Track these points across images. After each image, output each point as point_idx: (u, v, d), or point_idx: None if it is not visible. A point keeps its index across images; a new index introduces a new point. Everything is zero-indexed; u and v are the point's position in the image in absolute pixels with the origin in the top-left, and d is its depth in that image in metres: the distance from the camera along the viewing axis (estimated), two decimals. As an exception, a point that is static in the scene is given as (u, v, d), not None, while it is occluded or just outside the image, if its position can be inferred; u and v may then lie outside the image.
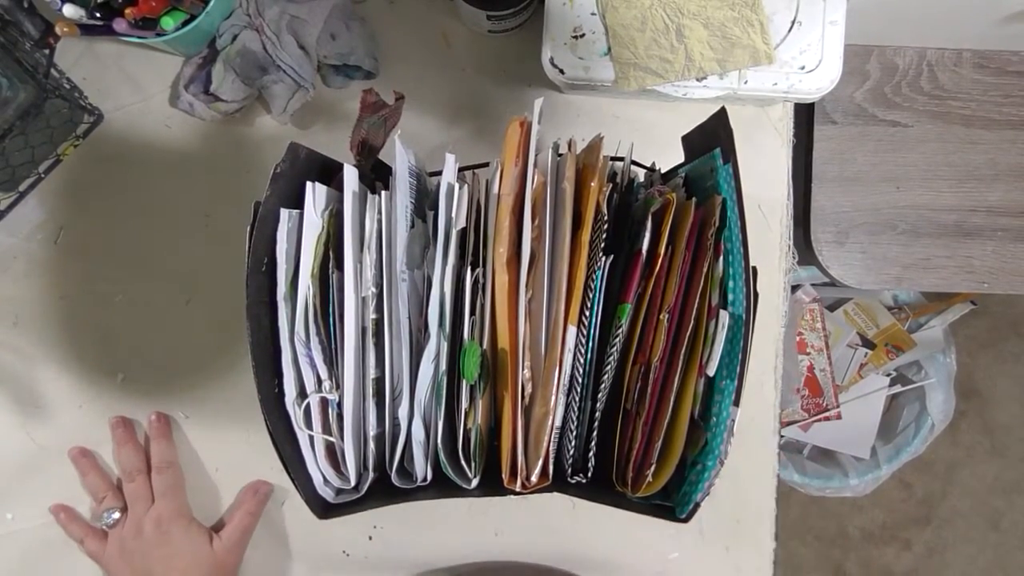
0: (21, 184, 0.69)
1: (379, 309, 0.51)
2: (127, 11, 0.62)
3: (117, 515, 0.67)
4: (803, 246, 0.91)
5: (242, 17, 0.66)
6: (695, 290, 0.49)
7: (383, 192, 0.50)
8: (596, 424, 0.49)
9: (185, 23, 0.63)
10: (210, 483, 0.71)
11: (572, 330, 0.47)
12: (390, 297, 0.50)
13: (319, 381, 0.51)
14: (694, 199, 0.51)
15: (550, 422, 0.48)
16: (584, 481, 0.51)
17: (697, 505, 0.50)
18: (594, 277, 0.48)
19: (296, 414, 0.50)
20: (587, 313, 0.48)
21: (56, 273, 0.71)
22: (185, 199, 0.72)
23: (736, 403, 0.48)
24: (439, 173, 0.51)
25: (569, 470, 0.51)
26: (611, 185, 0.51)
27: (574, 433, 0.50)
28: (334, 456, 0.53)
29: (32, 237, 0.71)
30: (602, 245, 0.48)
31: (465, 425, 0.50)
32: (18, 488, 0.70)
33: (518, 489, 0.49)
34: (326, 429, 0.52)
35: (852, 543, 1.63)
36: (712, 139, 0.52)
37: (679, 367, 0.49)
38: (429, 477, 0.51)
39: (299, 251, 0.49)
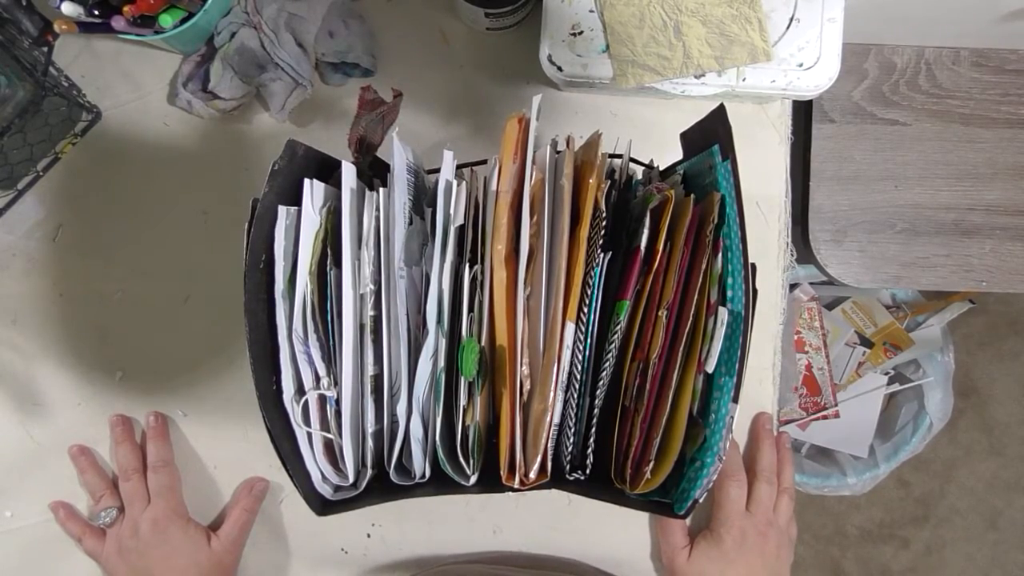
0: (20, 182, 0.69)
1: (377, 306, 0.51)
2: (125, 9, 0.61)
3: (114, 514, 0.67)
4: (801, 244, 0.91)
5: (240, 15, 0.66)
6: (694, 286, 0.49)
7: (381, 189, 0.50)
8: (594, 421, 0.49)
9: (183, 21, 0.63)
10: (208, 480, 0.71)
11: (571, 327, 0.47)
12: (388, 294, 0.50)
13: (317, 378, 0.51)
14: (692, 196, 0.51)
15: (548, 419, 0.48)
16: (582, 478, 0.51)
17: (696, 502, 0.50)
18: (592, 273, 0.48)
19: (294, 411, 0.50)
20: (585, 310, 0.48)
21: (55, 271, 0.71)
22: (183, 197, 0.72)
23: (735, 400, 0.48)
24: (437, 170, 0.51)
25: (567, 467, 0.51)
26: (609, 182, 0.51)
27: (572, 430, 0.50)
28: (332, 453, 0.53)
29: (31, 235, 0.71)
30: (600, 242, 0.48)
31: (463, 422, 0.50)
32: (17, 485, 0.70)
33: (516, 486, 0.49)
34: (324, 426, 0.52)
35: (850, 542, 1.63)
36: (711, 136, 0.52)
37: (678, 364, 0.49)
38: (427, 474, 0.51)
39: (297, 248, 0.49)
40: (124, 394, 0.71)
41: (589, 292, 0.48)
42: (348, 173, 0.50)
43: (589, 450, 0.50)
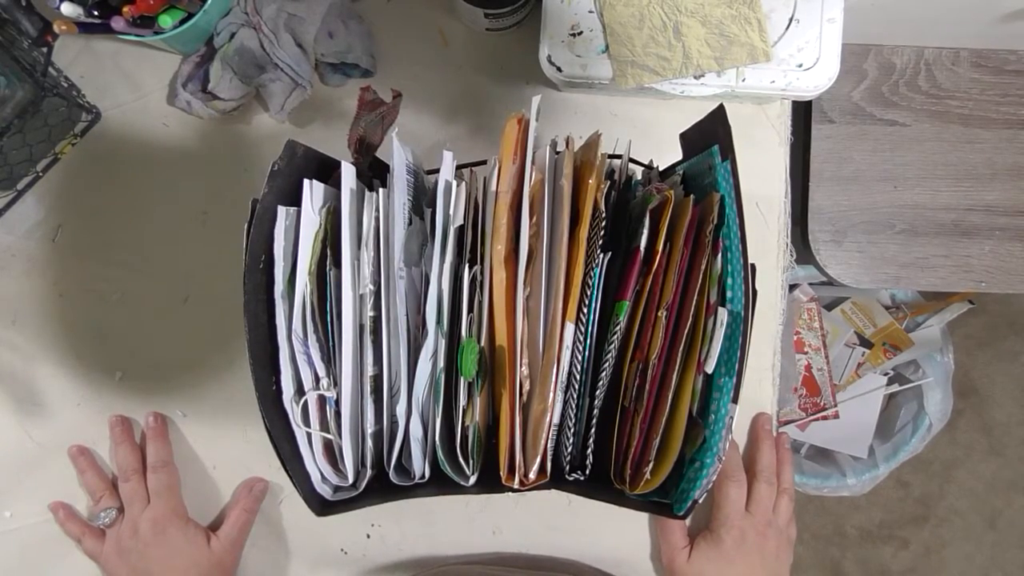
0: (19, 182, 0.69)
1: (377, 306, 0.51)
2: (125, 9, 0.62)
3: (114, 514, 0.67)
4: (801, 245, 0.91)
5: (240, 15, 0.66)
6: (693, 287, 0.49)
7: (381, 189, 0.50)
8: (594, 421, 0.49)
9: (183, 21, 0.63)
10: (208, 480, 0.71)
11: (570, 327, 0.47)
12: (388, 294, 0.50)
13: (317, 379, 0.51)
14: (692, 196, 0.51)
15: (548, 419, 0.48)
16: (582, 478, 0.51)
17: (695, 502, 0.50)
18: (592, 274, 0.48)
19: (294, 412, 0.50)
20: (585, 310, 0.48)
21: (54, 271, 0.71)
22: (183, 197, 0.72)
23: (735, 400, 0.48)
24: (437, 171, 0.51)
25: (567, 467, 0.51)
26: (609, 183, 0.51)
27: (572, 430, 0.50)
28: (332, 453, 0.53)
29: (30, 235, 0.71)
30: (600, 242, 0.48)
31: (463, 422, 0.50)
32: (16, 486, 0.70)
33: (516, 486, 0.49)
34: (324, 426, 0.52)
35: (850, 542, 1.63)
36: (710, 137, 0.52)
37: (677, 364, 0.49)
38: (427, 474, 0.51)
39: (297, 248, 0.49)
40: (123, 394, 0.71)
41: (588, 292, 0.48)
42: (347, 173, 0.50)
43: (589, 450, 0.50)
